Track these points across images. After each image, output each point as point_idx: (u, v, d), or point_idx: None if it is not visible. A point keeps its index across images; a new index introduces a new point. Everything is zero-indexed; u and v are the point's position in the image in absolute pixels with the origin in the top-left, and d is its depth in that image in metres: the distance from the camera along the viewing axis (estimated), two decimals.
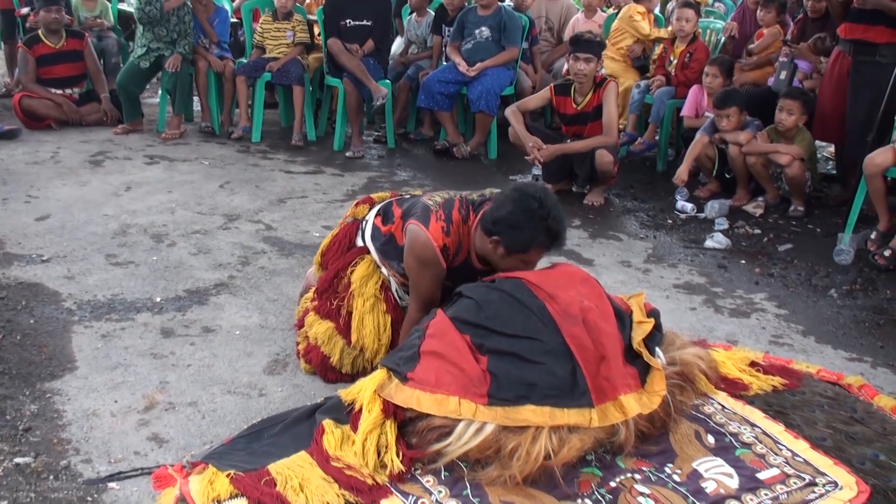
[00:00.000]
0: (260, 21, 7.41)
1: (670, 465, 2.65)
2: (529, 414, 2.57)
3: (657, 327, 2.90)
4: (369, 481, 2.51)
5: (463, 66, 6.82)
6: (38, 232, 4.84)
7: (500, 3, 7.03)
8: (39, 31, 7.36)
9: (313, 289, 3.60)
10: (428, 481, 2.55)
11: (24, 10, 8.26)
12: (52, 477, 2.67)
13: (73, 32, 7.55)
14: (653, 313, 2.95)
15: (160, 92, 7.46)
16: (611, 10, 7.67)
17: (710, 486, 2.55)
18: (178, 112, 7.27)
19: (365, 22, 7.06)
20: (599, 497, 2.51)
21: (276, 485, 2.47)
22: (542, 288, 2.78)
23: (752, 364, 3.30)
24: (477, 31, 6.90)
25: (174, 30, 7.18)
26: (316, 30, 7.60)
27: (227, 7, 7.83)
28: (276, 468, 2.53)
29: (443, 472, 2.58)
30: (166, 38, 7.20)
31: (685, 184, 5.89)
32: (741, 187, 5.90)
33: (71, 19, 7.86)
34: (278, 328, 3.80)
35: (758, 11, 6.73)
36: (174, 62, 7.13)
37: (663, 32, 7.27)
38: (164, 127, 7.34)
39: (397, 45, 8.05)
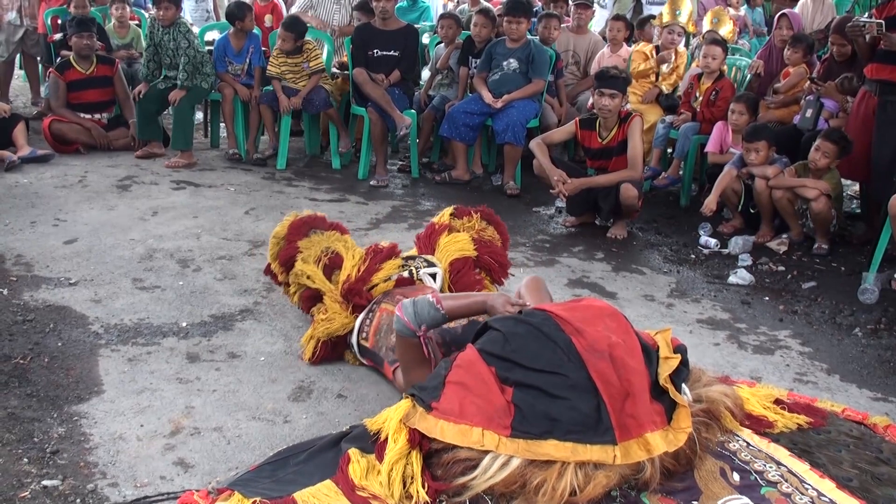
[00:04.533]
0: (273, 54, 7.46)
1: (695, 502, 2.63)
2: (552, 448, 2.56)
3: (684, 363, 2.90)
4: None
5: (489, 98, 6.87)
6: (65, 255, 4.89)
7: (529, 37, 7.08)
8: (71, 57, 7.48)
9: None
10: None
11: (57, 37, 8.39)
12: (78, 500, 2.69)
13: (104, 58, 7.67)
14: (679, 349, 2.94)
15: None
16: (636, 46, 7.70)
17: None
18: (174, 148, 7.31)
19: (392, 52, 7.14)
20: None
21: None
22: (569, 322, 2.78)
23: (777, 401, 3.27)
24: (505, 63, 6.95)
25: (174, 59, 7.23)
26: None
27: (258, 34, 7.90)
28: (302, 496, 2.53)
29: None
30: (168, 64, 7.30)
31: (713, 214, 5.88)
32: (765, 224, 5.89)
33: (102, 45, 7.97)
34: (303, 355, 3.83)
35: (785, 50, 6.75)
36: (175, 96, 7.21)
37: (664, 68, 7.37)
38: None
39: (426, 75, 8.11)
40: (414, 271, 3.86)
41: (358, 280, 3.72)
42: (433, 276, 3.89)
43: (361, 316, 3.67)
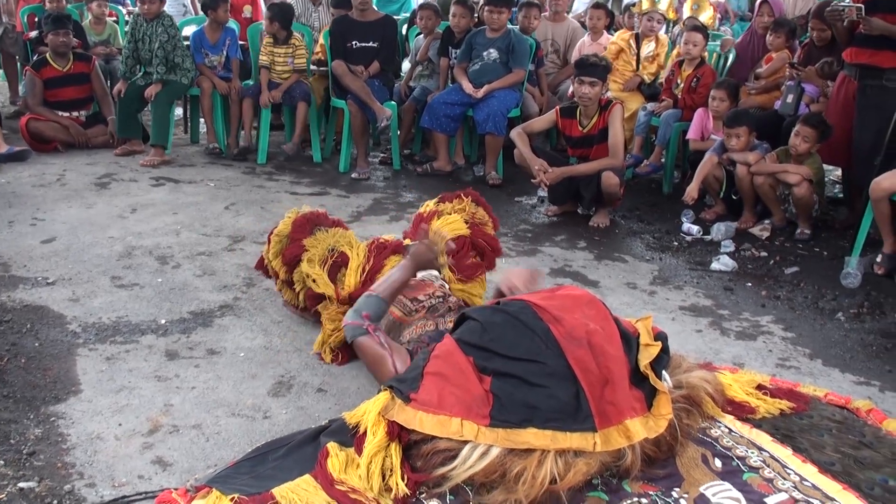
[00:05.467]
0: (264, 42, 7.43)
1: (677, 489, 2.62)
2: (531, 437, 2.55)
3: (664, 350, 2.88)
4: None
5: (469, 88, 6.84)
6: (43, 254, 4.84)
7: (509, 26, 7.06)
8: (47, 55, 7.42)
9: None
10: None
11: (33, 34, 8.32)
12: (55, 502, 2.66)
13: (81, 55, 7.60)
14: (660, 336, 2.93)
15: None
16: (617, 34, 7.68)
17: None
18: (152, 143, 7.24)
19: (371, 44, 7.11)
20: None
21: None
22: (547, 310, 2.76)
23: (759, 387, 3.27)
24: (485, 53, 6.92)
25: (155, 53, 7.16)
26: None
27: (234, 27, 7.85)
28: (281, 492, 2.51)
29: (448, 496, 2.55)
30: (148, 61, 7.24)
31: (694, 202, 5.88)
32: (747, 210, 5.89)
33: (79, 42, 7.91)
34: (283, 350, 3.79)
35: (767, 36, 6.73)
36: (151, 91, 7.16)
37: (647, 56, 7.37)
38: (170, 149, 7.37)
39: (406, 67, 8.08)
40: None
41: (363, 284, 3.68)
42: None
43: None
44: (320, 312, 3.77)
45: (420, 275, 3.72)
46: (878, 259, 5.06)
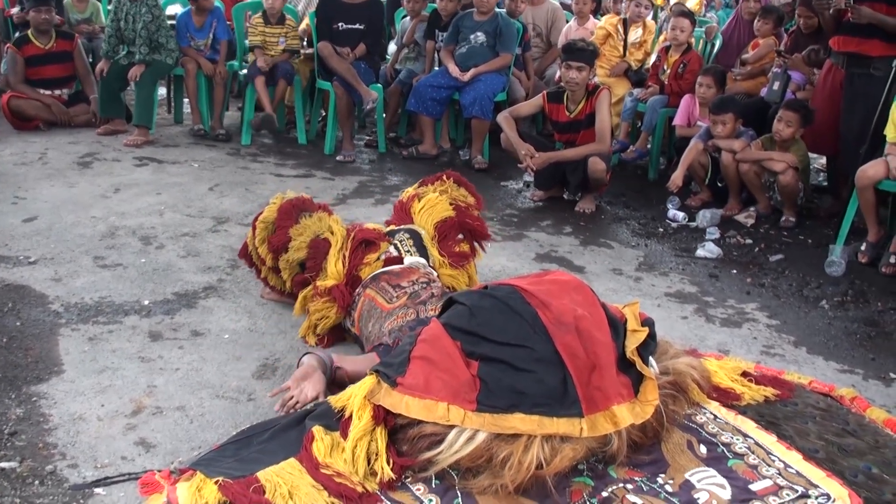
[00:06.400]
0: (251, 22, 7.36)
1: (662, 475, 2.63)
2: (518, 422, 2.53)
3: (651, 336, 2.88)
4: (359, 489, 2.47)
5: (455, 72, 6.81)
6: (25, 233, 4.80)
7: (496, 10, 7.02)
8: (29, 32, 7.33)
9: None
10: (419, 489, 2.52)
11: (14, 10, 8.22)
12: (37, 482, 2.63)
13: (63, 33, 7.53)
14: (647, 322, 2.93)
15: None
16: (605, 18, 7.67)
17: (702, 497, 2.52)
18: (135, 123, 7.18)
19: (357, 26, 7.05)
20: None
21: (265, 492, 2.43)
22: (535, 295, 2.75)
23: (744, 374, 3.27)
24: (472, 36, 6.89)
25: (139, 33, 7.09)
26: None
27: (219, 5, 7.77)
28: (265, 475, 2.49)
29: (434, 481, 2.54)
30: (132, 40, 7.17)
31: (679, 190, 5.88)
32: (733, 197, 5.90)
33: (61, 20, 7.82)
34: (267, 332, 3.77)
35: (755, 22, 6.73)
36: (134, 72, 7.09)
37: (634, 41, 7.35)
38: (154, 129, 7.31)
39: (393, 49, 8.03)
40: (399, 245, 3.80)
41: (346, 276, 3.67)
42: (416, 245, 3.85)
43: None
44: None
45: (407, 261, 3.71)
46: (863, 248, 5.08)
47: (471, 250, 4.06)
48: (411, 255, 3.76)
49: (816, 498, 2.55)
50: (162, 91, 8.32)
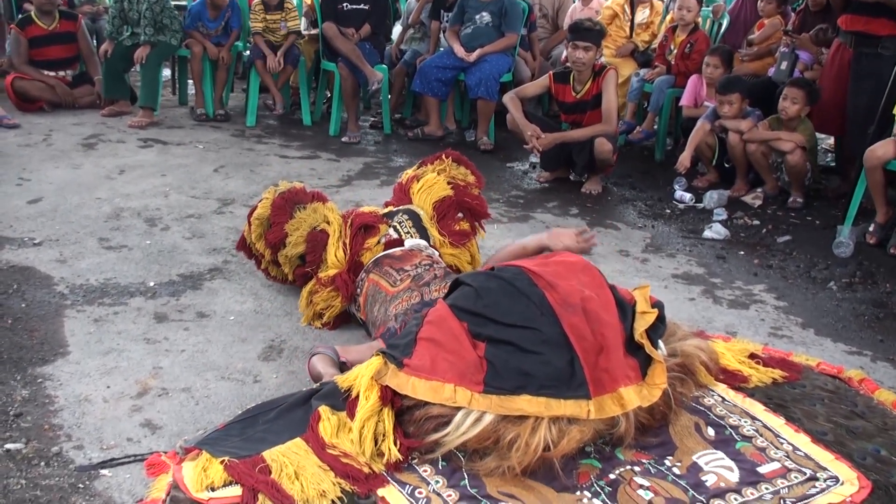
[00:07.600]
0: (255, 9, 7.32)
1: (670, 457, 2.62)
2: (525, 404, 2.52)
3: (661, 319, 2.86)
4: (366, 470, 2.46)
5: (461, 52, 6.77)
6: (30, 215, 4.79)
7: None
8: (32, 13, 7.30)
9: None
10: (425, 471, 2.51)
11: None
12: (43, 463, 2.63)
13: (67, 14, 7.50)
14: (657, 305, 2.90)
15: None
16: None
17: (710, 480, 2.51)
18: (140, 104, 7.16)
19: (362, 6, 7.01)
20: (598, 489, 2.47)
21: (270, 472, 2.42)
22: (542, 276, 2.73)
23: (752, 356, 3.26)
24: (477, 17, 6.85)
25: (143, 14, 7.05)
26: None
27: None
28: (271, 455, 2.48)
29: (440, 462, 2.54)
30: (136, 21, 7.13)
31: (687, 171, 5.85)
32: (740, 177, 5.87)
33: (65, 0, 7.79)
34: (273, 314, 3.76)
35: (759, 2, 6.68)
36: (140, 54, 7.06)
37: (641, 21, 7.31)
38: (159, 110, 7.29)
39: (398, 30, 8.00)
40: (398, 227, 3.78)
41: (348, 269, 3.65)
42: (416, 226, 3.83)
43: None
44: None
45: (408, 243, 3.69)
46: (871, 228, 5.05)
47: (471, 228, 4.03)
48: (411, 236, 3.74)
49: (825, 480, 2.54)
50: (166, 72, 8.29)
